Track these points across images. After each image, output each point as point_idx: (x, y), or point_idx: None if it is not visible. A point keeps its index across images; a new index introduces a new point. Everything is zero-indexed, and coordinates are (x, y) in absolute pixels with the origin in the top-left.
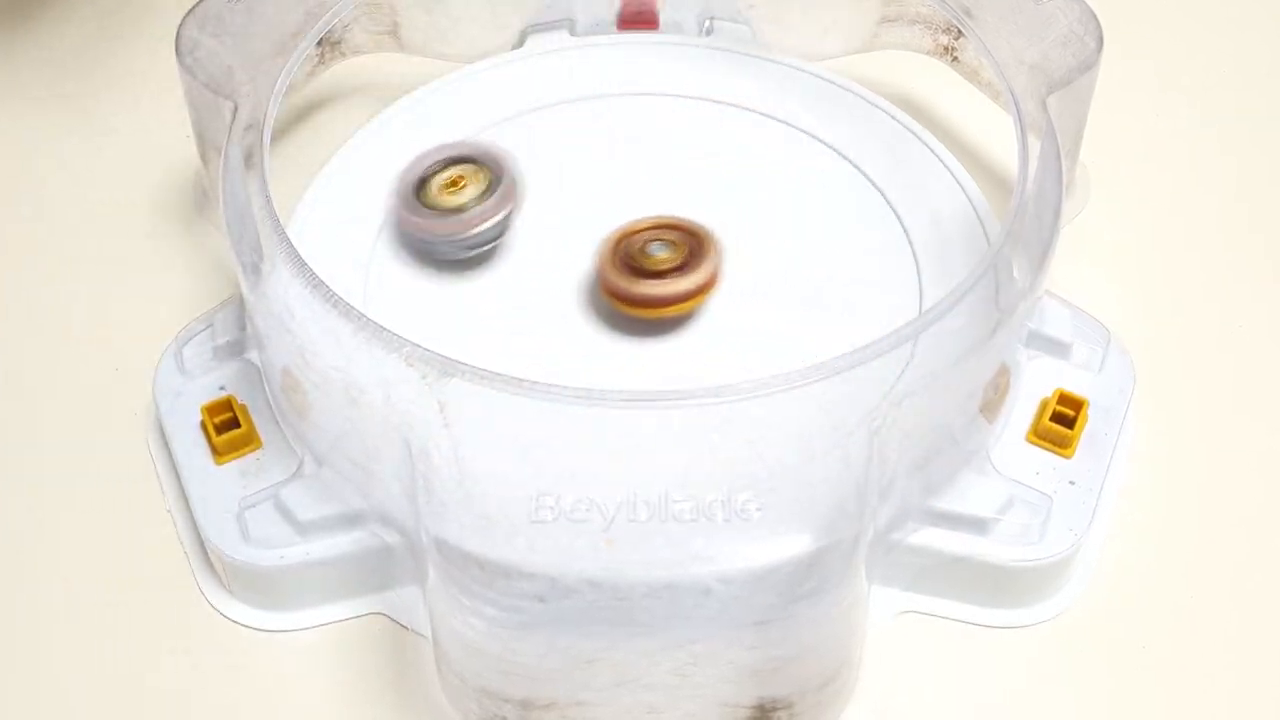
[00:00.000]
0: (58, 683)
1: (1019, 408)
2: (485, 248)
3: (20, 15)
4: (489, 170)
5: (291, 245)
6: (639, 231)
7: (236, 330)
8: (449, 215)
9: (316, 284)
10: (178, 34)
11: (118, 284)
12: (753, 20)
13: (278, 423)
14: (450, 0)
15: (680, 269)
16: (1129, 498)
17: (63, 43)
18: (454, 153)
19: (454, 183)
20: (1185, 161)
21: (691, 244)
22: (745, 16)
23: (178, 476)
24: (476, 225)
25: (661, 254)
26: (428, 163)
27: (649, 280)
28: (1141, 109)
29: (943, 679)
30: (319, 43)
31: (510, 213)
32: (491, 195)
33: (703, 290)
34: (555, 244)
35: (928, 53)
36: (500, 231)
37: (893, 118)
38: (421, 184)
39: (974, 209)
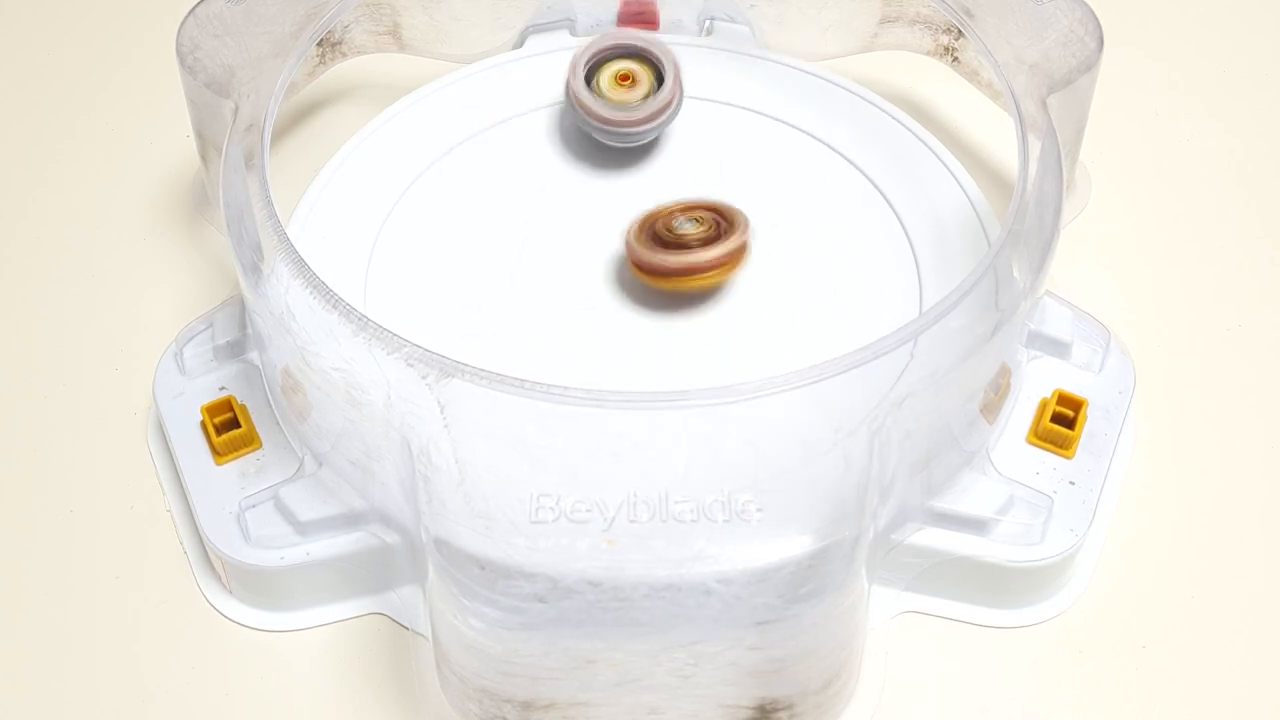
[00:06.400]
0: (58, 682)
1: (1019, 408)
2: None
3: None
4: (656, 68)
5: (291, 245)
6: (667, 213)
7: (236, 330)
8: (616, 108)
9: (316, 284)
10: (178, 34)
11: (118, 284)
12: (753, 20)
13: (278, 423)
14: (450, 0)
15: (708, 242)
16: (1129, 498)
17: (63, 42)
18: (624, 42)
19: (626, 76)
20: (1185, 161)
21: (719, 221)
22: (745, 16)
23: (178, 476)
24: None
25: (689, 229)
26: (601, 50)
27: (677, 251)
28: (1141, 109)
29: (943, 679)
30: (319, 43)
31: (669, 115)
32: (656, 95)
33: (732, 260)
34: (555, 244)
35: (928, 53)
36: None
37: (893, 118)
38: (593, 71)
39: (974, 209)
